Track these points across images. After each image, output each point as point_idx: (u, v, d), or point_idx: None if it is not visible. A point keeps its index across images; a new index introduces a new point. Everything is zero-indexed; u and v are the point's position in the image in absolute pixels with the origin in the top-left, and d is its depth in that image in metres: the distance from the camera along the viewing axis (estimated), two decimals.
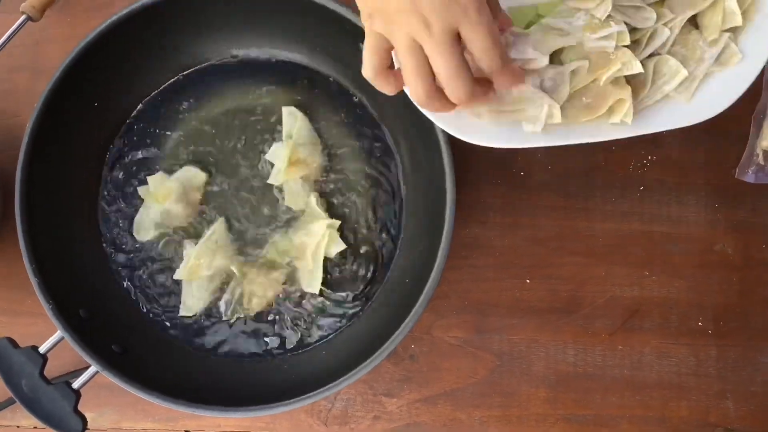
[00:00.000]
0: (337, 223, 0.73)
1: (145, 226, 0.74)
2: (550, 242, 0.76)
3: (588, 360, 0.75)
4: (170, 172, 0.75)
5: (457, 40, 0.48)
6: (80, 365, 0.75)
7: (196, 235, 0.74)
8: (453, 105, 0.52)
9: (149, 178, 0.73)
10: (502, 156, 0.76)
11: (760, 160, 0.74)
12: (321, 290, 0.73)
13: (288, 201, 0.74)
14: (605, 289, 0.75)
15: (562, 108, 0.59)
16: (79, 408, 0.64)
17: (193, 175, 0.74)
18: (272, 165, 0.74)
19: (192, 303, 0.73)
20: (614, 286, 0.75)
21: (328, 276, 0.73)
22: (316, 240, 0.72)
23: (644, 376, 0.75)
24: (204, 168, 0.75)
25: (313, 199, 0.73)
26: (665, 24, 0.60)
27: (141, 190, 0.74)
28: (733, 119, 0.75)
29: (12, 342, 0.63)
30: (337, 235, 0.73)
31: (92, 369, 0.63)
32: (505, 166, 0.76)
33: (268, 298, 0.73)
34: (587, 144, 0.75)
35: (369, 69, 0.52)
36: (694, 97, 0.59)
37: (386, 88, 0.54)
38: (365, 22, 0.51)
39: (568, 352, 0.75)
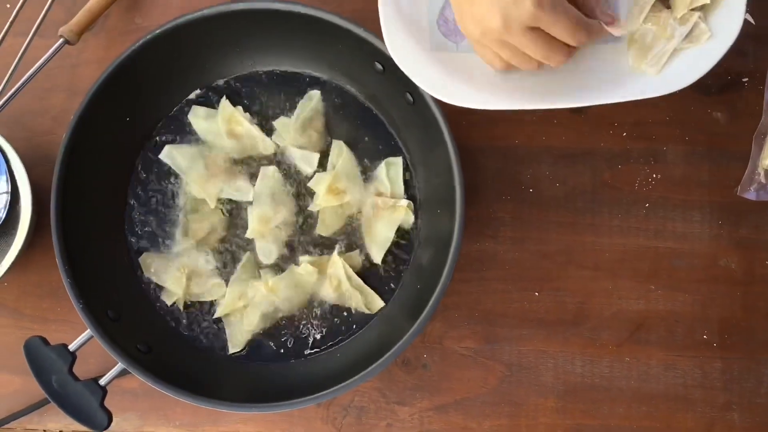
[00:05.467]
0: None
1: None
2: (558, 256, 0.79)
3: (595, 371, 0.77)
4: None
5: (533, 30, 0.57)
6: (106, 371, 0.78)
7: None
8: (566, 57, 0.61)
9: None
10: (511, 173, 0.79)
11: (762, 178, 0.76)
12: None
13: (319, 228, 0.77)
14: (612, 302, 0.78)
15: None
16: None
17: None
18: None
19: (238, 339, 0.76)
20: (620, 300, 0.78)
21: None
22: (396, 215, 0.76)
23: (651, 387, 0.77)
24: None
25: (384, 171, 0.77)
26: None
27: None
28: (734, 139, 0.78)
29: (43, 340, 0.67)
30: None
31: (118, 366, 0.66)
32: (514, 184, 0.79)
33: (293, 306, 0.77)
34: (593, 161, 0.79)
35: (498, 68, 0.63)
36: (663, 70, 0.64)
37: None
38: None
39: (576, 363, 0.77)
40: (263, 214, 0.76)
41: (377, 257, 0.76)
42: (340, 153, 0.77)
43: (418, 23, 0.67)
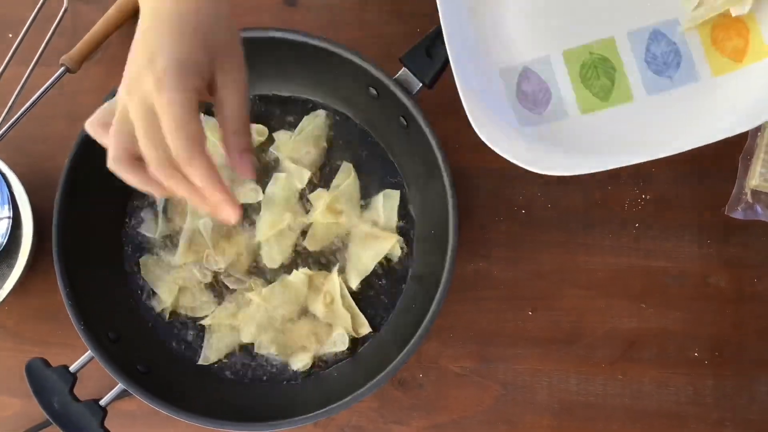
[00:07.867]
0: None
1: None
2: (552, 276, 0.80)
3: (590, 389, 0.78)
4: None
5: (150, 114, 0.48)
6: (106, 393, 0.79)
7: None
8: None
9: None
10: (504, 195, 0.81)
11: (749, 198, 0.78)
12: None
13: (308, 242, 0.79)
14: (605, 320, 0.79)
15: None
16: None
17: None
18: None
19: (210, 354, 0.77)
20: (613, 318, 0.79)
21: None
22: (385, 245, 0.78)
23: (644, 405, 0.77)
24: None
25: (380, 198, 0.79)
26: None
27: None
28: (721, 160, 0.80)
29: (45, 362, 0.68)
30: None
31: (118, 387, 0.67)
32: (507, 205, 0.81)
33: (286, 314, 0.77)
34: (584, 182, 0.80)
35: (111, 155, 0.50)
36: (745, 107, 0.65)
37: (131, 179, 0.51)
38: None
39: (571, 381, 0.78)
40: (272, 218, 0.77)
41: (354, 283, 0.77)
42: (348, 175, 0.79)
43: (499, 102, 0.67)
